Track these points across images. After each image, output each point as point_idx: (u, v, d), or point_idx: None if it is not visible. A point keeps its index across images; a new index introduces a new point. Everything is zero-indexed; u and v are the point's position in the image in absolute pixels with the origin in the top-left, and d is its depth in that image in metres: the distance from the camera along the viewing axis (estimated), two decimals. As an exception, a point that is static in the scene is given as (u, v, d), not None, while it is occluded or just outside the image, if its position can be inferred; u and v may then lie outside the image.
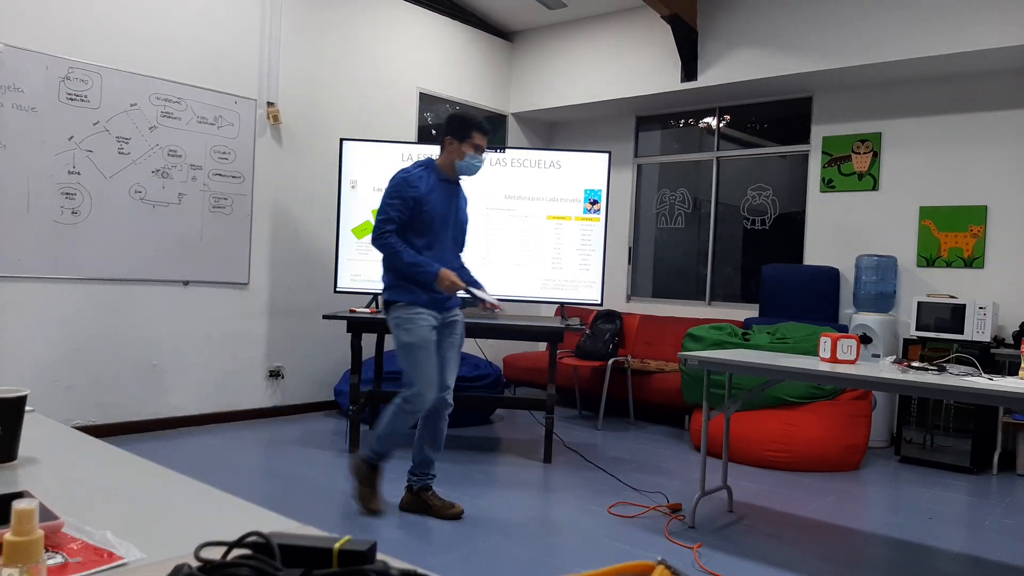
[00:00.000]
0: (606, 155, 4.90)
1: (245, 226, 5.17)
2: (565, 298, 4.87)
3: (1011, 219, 5.10)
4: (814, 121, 5.96)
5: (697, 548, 3.09)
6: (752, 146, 6.44)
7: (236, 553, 0.70)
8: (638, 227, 7.12)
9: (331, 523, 3.22)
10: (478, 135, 3.29)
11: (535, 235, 4.87)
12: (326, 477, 3.93)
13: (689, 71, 5.95)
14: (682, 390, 5.23)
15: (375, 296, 4.84)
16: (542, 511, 3.51)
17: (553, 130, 7.69)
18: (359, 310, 4.58)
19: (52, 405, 4.31)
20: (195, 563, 0.69)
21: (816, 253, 5.92)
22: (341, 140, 4.91)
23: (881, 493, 4.13)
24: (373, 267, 4.86)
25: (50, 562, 0.79)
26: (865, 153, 5.68)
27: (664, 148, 7.00)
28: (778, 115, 6.26)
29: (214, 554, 0.71)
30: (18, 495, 0.95)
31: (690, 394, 5.11)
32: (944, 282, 5.32)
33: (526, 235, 4.87)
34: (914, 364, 3.16)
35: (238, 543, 0.71)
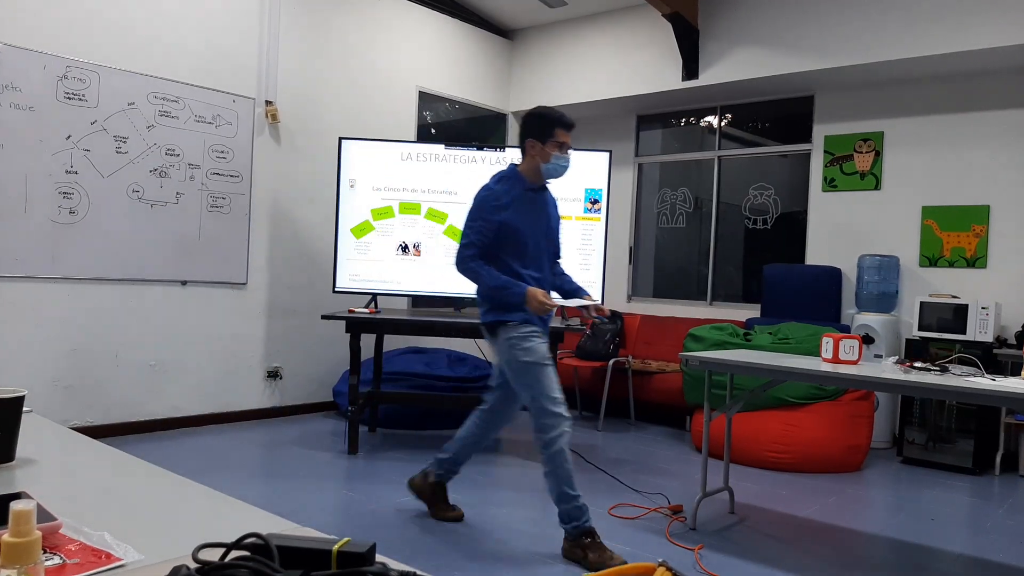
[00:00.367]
0: (607, 154, 4.89)
1: (243, 226, 5.16)
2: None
3: (1014, 219, 5.09)
4: (816, 120, 5.95)
5: (698, 550, 3.08)
6: (754, 145, 6.44)
7: (234, 555, 0.69)
8: (639, 227, 7.12)
9: (330, 524, 3.21)
10: (561, 131, 3.04)
11: (535, 235, 4.85)
12: (325, 478, 3.92)
13: (690, 70, 5.94)
14: (683, 391, 5.22)
15: (374, 296, 4.83)
16: (542, 512, 3.50)
17: (553, 130, 7.67)
18: (358, 310, 4.57)
19: (50, 405, 4.30)
20: (193, 564, 0.68)
21: (818, 253, 5.91)
22: (340, 139, 4.90)
23: (883, 494, 4.12)
24: (372, 267, 4.85)
25: (48, 563, 0.78)
26: (867, 152, 5.67)
27: (665, 147, 7.00)
28: (780, 114, 6.26)
29: (212, 555, 0.70)
30: (16, 496, 0.94)
31: (691, 395, 5.10)
32: (946, 282, 5.31)
33: (526, 235, 4.85)
34: (916, 365, 3.15)
35: (236, 544, 0.70)
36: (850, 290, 5.67)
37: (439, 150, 4.87)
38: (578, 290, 3.23)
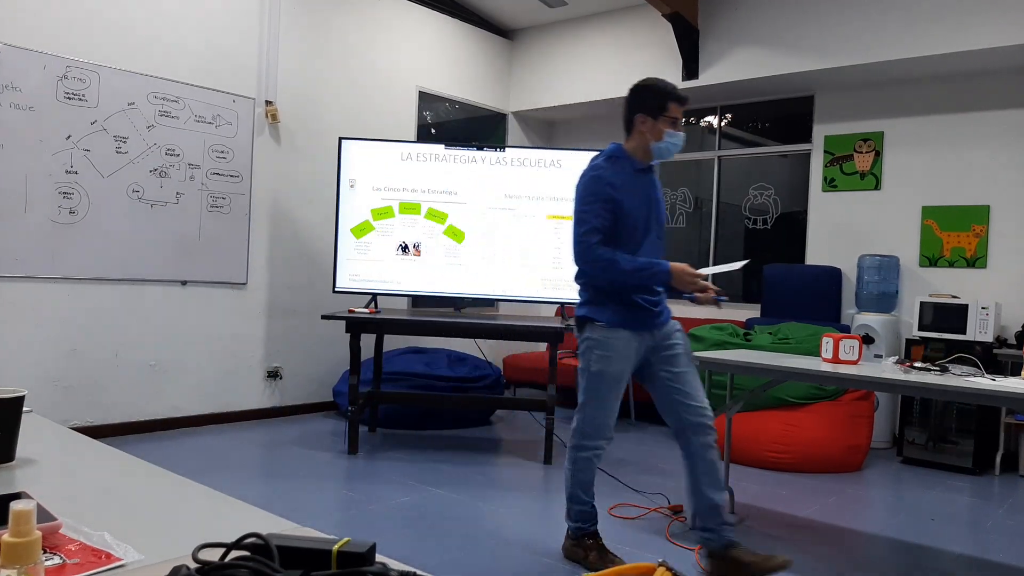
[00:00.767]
0: (607, 154, 4.88)
1: (243, 225, 5.16)
2: (565, 298, 4.86)
3: (1013, 219, 5.09)
4: (816, 120, 5.95)
5: (698, 550, 3.08)
6: (753, 145, 6.43)
7: (235, 555, 0.69)
8: (638, 227, 7.10)
9: (330, 524, 3.21)
10: (675, 105, 2.72)
11: (535, 235, 4.86)
12: (325, 478, 3.92)
13: (690, 70, 5.94)
14: (683, 390, 5.21)
15: (374, 296, 4.83)
16: (542, 512, 3.50)
17: (553, 129, 7.68)
18: (358, 310, 4.57)
19: (50, 405, 4.30)
20: (193, 564, 0.68)
21: (818, 253, 5.91)
22: (340, 139, 4.90)
23: (883, 494, 4.12)
24: (372, 267, 4.85)
25: (48, 563, 0.78)
26: (867, 152, 5.67)
27: (664, 148, 6.99)
28: (780, 114, 6.26)
29: (212, 555, 0.70)
30: (16, 496, 0.94)
31: (691, 394, 5.09)
32: (947, 282, 5.31)
33: (526, 235, 4.86)
34: (916, 365, 3.15)
35: (236, 544, 0.70)
36: (850, 290, 5.67)
37: (439, 150, 4.87)
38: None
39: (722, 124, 6.55)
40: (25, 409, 1.25)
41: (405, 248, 4.86)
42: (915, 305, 5.04)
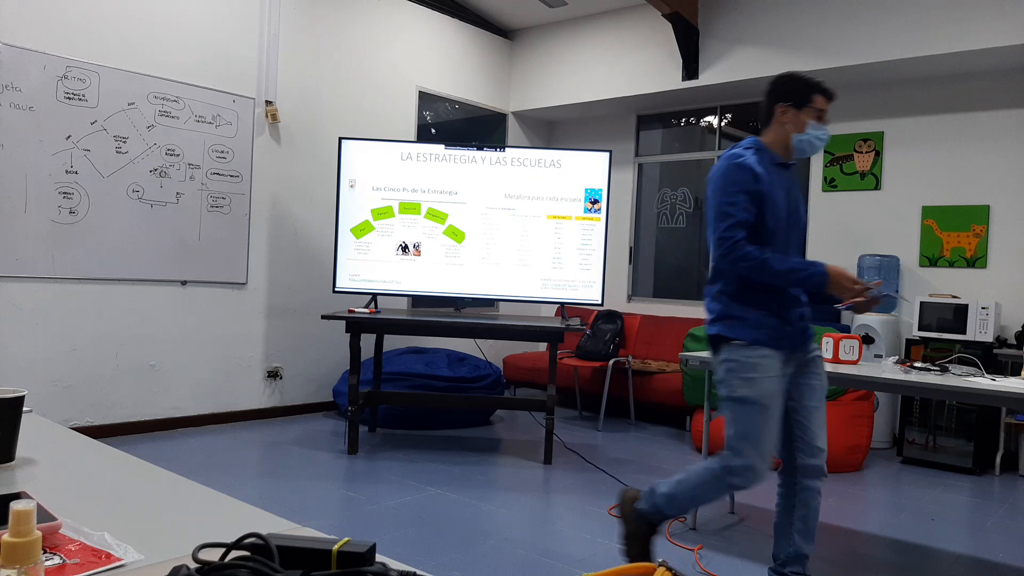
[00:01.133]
0: (607, 154, 4.89)
1: (243, 226, 5.16)
2: (565, 298, 4.86)
3: (1013, 219, 5.09)
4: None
5: (698, 550, 3.08)
6: (753, 146, 6.42)
7: (235, 555, 0.69)
8: (639, 227, 7.11)
9: (330, 524, 3.21)
10: (821, 98, 2.49)
11: (535, 235, 4.86)
12: (325, 478, 3.92)
13: (690, 70, 5.94)
14: (683, 391, 5.22)
15: (374, 296, 4.83)
16: (542, 512, 3.50)
17: (553, 129, 7.68)
18: (358, 310, 4.57)
19: (50, 405, 4.30)
20: (193, 564, 0.68)
21: (818, 253, 5.91)
22: (340, 139, 4.90)
23: (883, 494, 4.12)
24: (372, 267, 4.85)
25: (48, 563, 0.78)
26: (867, 152, 5.67)
27: (665, 147, 7.00)
28: (779, 115, 6.25)
29: (212, 555, 0.70)
30: (16, 496, 0.94)
31: (691, 395, 5.10)
32: (946, 282, 5.31)
33: (526, 235, 4.86)
34: (916, 365, 3.15)
35: (236, 544, 0.70)
36: (850, 290, 5.66)
37: (439, 150, 4.87)
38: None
39: (722, 124, 6.55)
40: (25, 409, 1.25)
41: (405, 248, 4.86)
42: (915, 305, 5.04)
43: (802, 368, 2.50)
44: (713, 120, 6.60)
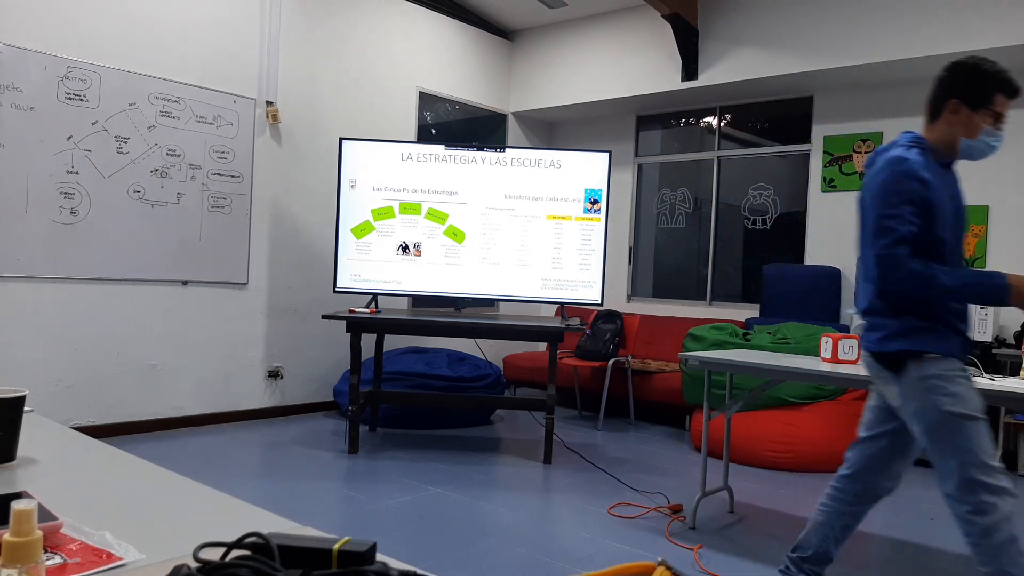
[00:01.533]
0: (606, 155, 4.90)
1: (244, 226, 5.16)
2: (565, 298, 4.86)
3: (1012, 219, 5.10)
4: (815, 120, 5.95)
5: (698, 549, 3.08)
6: (753, 145, 6.44)
7: (235, 554, 0.69)
8: (638, 227, 7.12)
9: (330, 524, 3.21)
10: (1002, 98, 2.16)
11: (535, 235, 4.86)
12: (325, 477, 3.93)
13: (690, 70, 5.94)
14: (683, 390, 5.22)
15: (374, 296, 4.84)
16: (542, 512, 3.50)
17: (553, 129, 7.68)
18: (358, 310, 4.58)
19: (51, 405, 4.30)
20: (194, 564, 0.68)
21: (817, 253, 5.91)
22: (340, 139, 4.90)
23: (882, 493, 4.12)
24: (372, 267, 4.86)
25: (49, 563, 0.78)
26: (866, 153, 5.67)
27: (665, 147, 7.00)
28: (779, 114, 6.26)
29: (213, 555, 0.71)
30: (17, 495, 0.95)
31: (691, 394, 5.11)
32: (945, 282, 5.31)
33: (526, 235, 4.86)
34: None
35: (237, 544, 0.70)
36: (849, 290, 5.67)
37: (439, 150, 4.87)
38: None
39: (722, 124, 6.55)
40: (26, 409, 1.26)
41: (405, 248, 4.86)
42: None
43: None
44: (712, 121, 6.60)
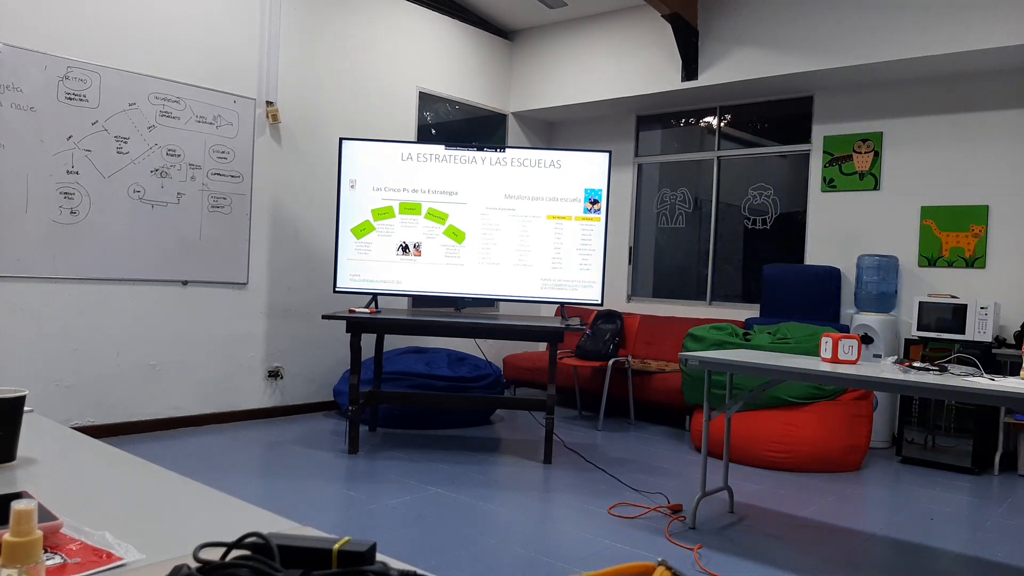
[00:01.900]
0: (606, 155, 4.90)
1: (244, 226, 5.16)
2: (565, 298, 4.86)
3: (1012, 219, 5.10)
4: (815, 120, 5.95)
5: (698, 549, 3.08)
6: (753, 145, 6.44)
7: (235, 554, 0.69)
8: (638, 227, 7.12)
9: (330, 524, 3.21)
10: None
11: (535, 235, 4.86)
12: (325, 477, 3.93)
13: (690, 70, 5.94)
14: (683, 390, 5.22)
15: (374, 296, 4.84)
16: (542, 512, 3.51)
17: (553, 129, 7.68)
18: (358, 310, 4.58)
19: (51, 405, 4.31)
20: (194, 564, 0.68)
21: (817, 253, 5.92)
22: (340, 139, 4.90)
23: (882, 494, 4.12)
24: (372, 267, 4.85)
25: (49, 563, 0.78)
26: (866, 153, 5.68)
27: (665, 147, 7.00)
28: (779, 114, 6.26)
29: (213, 555, 0.71)
30: (17, 495, 0.95)
31: (691, 394, 5.11)
32: (945, 282, 5.32)
33: (526, 235, 4.86)
34: (915, 364, 3.16)
35: (237, 544, 0.70)
36: (849, 290, 5.67)
37: (439, 150, 4.87)
38: None
39: (721, 124, 6.55)
40: (26, 409, 1.26)
41: (405, 248, 4.86)
42: (914, 305, 5.05)
43: None
44: (712, 120, 6.60)
